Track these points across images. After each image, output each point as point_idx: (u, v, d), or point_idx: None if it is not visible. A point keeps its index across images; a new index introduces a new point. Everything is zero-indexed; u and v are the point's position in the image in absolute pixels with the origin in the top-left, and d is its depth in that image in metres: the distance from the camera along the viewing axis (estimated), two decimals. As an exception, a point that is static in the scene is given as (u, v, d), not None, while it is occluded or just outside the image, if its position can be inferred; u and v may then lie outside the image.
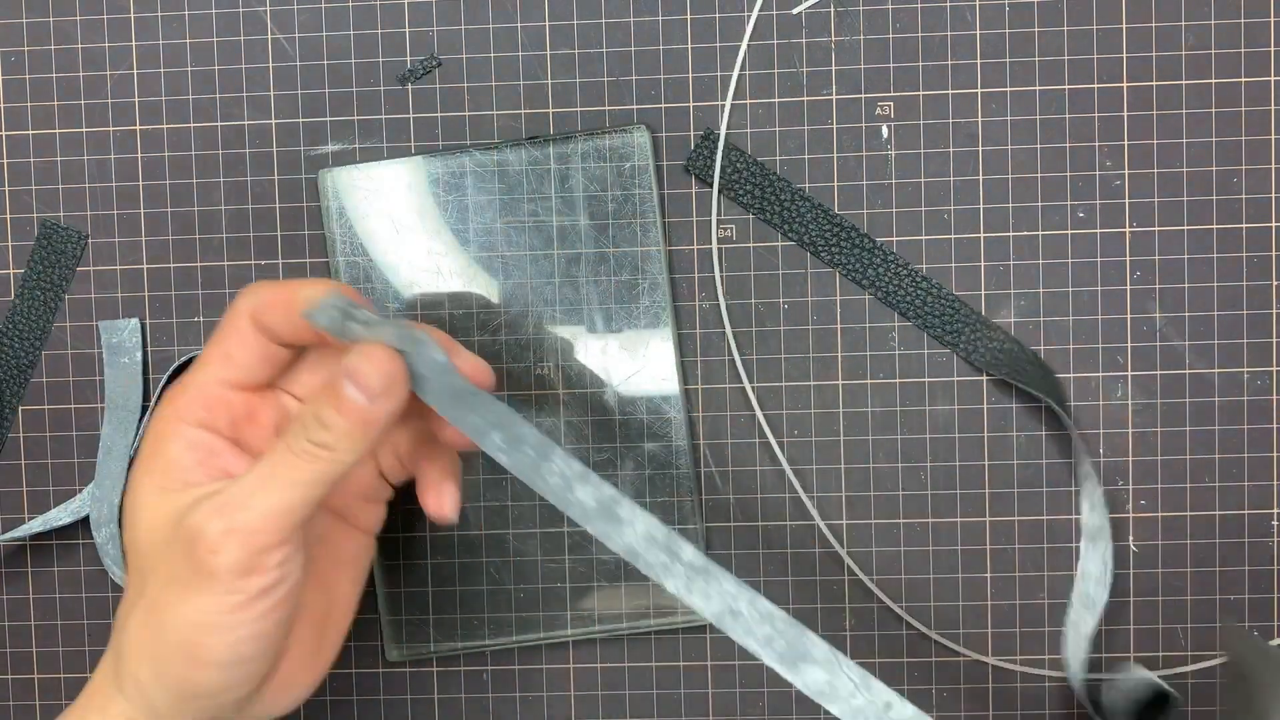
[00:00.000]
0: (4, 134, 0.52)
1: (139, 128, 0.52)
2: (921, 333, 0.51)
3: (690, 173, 0.51)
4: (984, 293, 0.50)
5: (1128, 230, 0.50)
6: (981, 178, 0.50)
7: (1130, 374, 0.50)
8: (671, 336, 0.51)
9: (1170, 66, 0.50)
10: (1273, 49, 0.50)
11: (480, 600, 0.51)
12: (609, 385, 0.51)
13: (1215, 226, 0.50)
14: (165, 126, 0.52)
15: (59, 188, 0.52)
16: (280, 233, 0.52)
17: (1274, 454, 0.50)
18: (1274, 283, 0.50)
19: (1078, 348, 0.51)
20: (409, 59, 0.51)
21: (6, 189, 0.52)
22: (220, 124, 0.52)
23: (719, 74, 0.51)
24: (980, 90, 0.50)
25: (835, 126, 0.50)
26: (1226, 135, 0.50)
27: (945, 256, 0.50)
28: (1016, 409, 0.51)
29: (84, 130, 0.52)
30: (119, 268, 0.52)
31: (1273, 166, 0.50)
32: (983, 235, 0.50)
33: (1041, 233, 0.50)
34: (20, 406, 0.53)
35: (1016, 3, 0.50)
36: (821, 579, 0.51)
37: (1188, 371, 0.50)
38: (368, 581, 0.49)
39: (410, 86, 0.51)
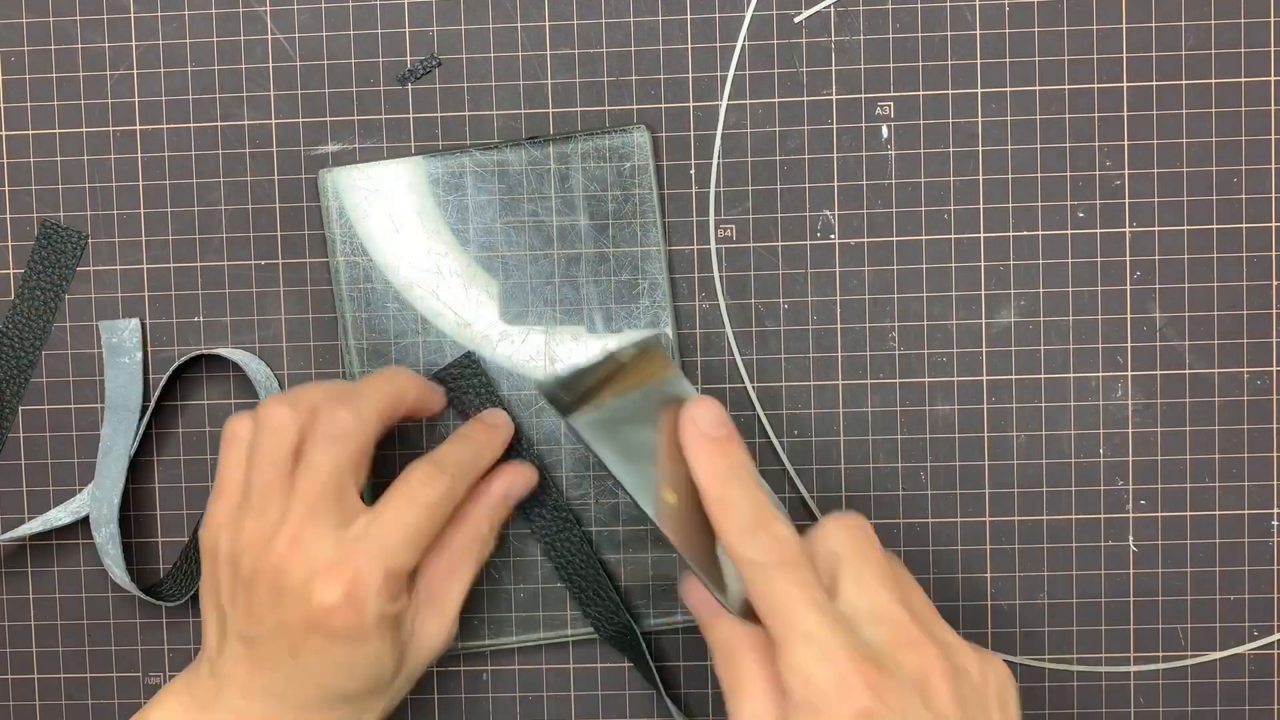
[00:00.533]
0: (4, 134, 0.52)
1: (139, 128, 0.52)
2: (922, 332, 0.51)
3: (690, 173, 0.51)
4: (984, 293, 0.50)
5: (1128, 230, 0.50)
6: (981, 178, 0.50)
7: (1130, 374, 0.50)
8: (671, 336, 0.51)
9: (1170, 66, 0.50)
10: (1273, 49, 0.50)
11: (480, 600, 0.51)
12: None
13: (1215, 226, 0.50)
14: (165, 126, 0.52)
15: (59, 188, 0.52)
16: (280, 233, 0.52)
17: (1274, 454, 0.50)
18: (1274, 283, 0.50)
19: (1078, 348, 0.51)
20: (409, 59, 0.51)
21: (6, 189, 0.52)
22: (220, 124, 0.52)
23: (719, 74, 0.51)
24: (980, 90, 0.50)
25: (835, 126, 0.50)
26: (1226, 135, 0.50)
27: (945, 256, 0.50)
28: (1016, 409, 0.51)
29: (84, 130, 0.52)
30: (119, 268, 0.52)
31: (1273, 166, 0.50)
32: (983, 235, 0.50)
33: (1041, 233, 0.50)
34: (20, 406, 0.53)
35: (1016, 3, 0.50)
36: (821, 579, 0.51)
37: (1188, 371, 0.50)
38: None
39: (410, 86, 0.51)
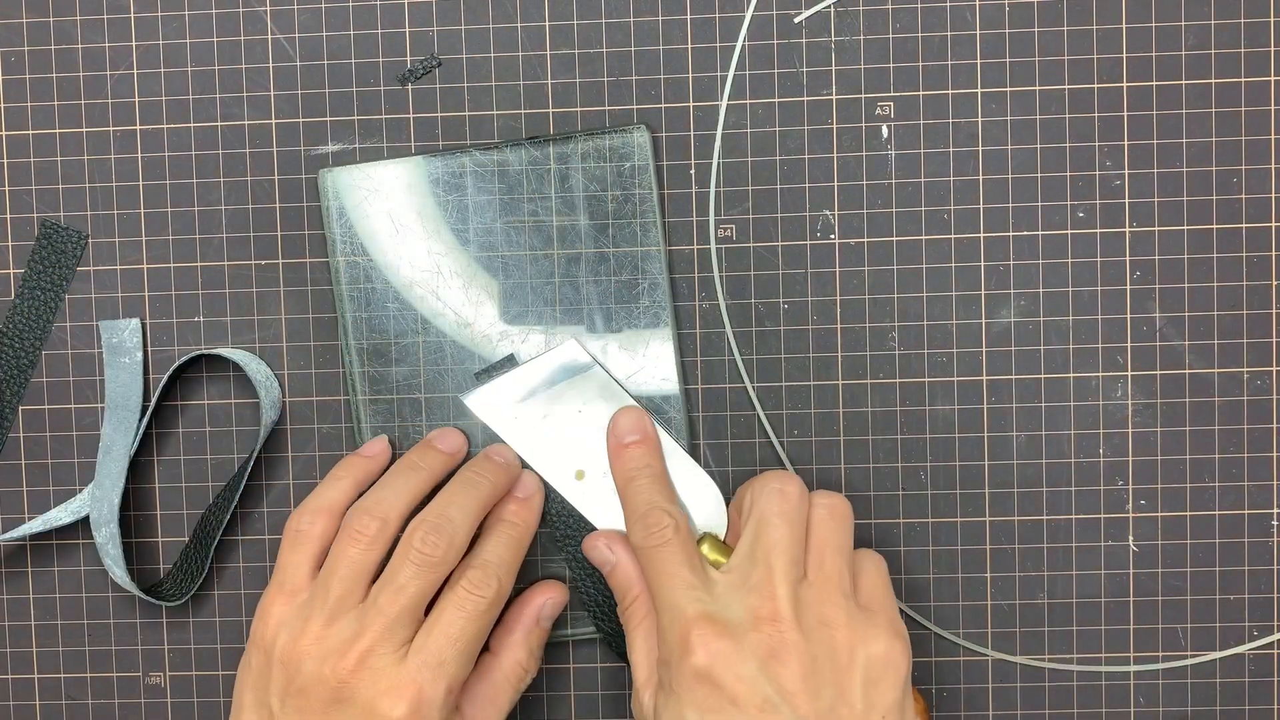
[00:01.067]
0: (4, 134, 0.52)
1: (139, 128, 0.52)
2: (922, 332, 0.51)
3: (690, 173, 0.51)
4: (984, 293, 0.50)
5: (1128, 230, 0.50)
6: (981, 178, 0.50)
7: (1130, 374, 0.50)
8: (671, 336, 0.51)
9: (1170, 66, 0.50)
10: (1273, 49, 0.50)
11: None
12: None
13: (1215, 226, 0.50)
14: (165, 126, 0.52)
15: (59, 188, 0.52)
16: (280, 233, 0.52)
17: (1274, 454, 0.50)
18: (1274, 283, 0.50)
19: (1078, 348, 0.51)
20: (409, 59, 0.51)
21: (6, 189, 0.52)
22: (220, 124, 0.52)
23: (718, 74, 0.51)
24: (980, 90, 0.50)
25: (835, 126, 0.50)
26: (1226, 135, 0.50)
27: (945, 256, 0.50)
28: (1016, 409, 0.51)
29: (84, 130, 0.52)
30: (119, 268, 0.52)
31: (1273, 166, 0.50)
32: (983, 235, 0.50)
33: (1041, 233, 0.50)
34: (20, 406, 0.53)
35: (1016, 3, 0.50)
36: (821, 579, 0.51)
37: (1188, 371, 0.50)
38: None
39: (410, 86, 0.51)
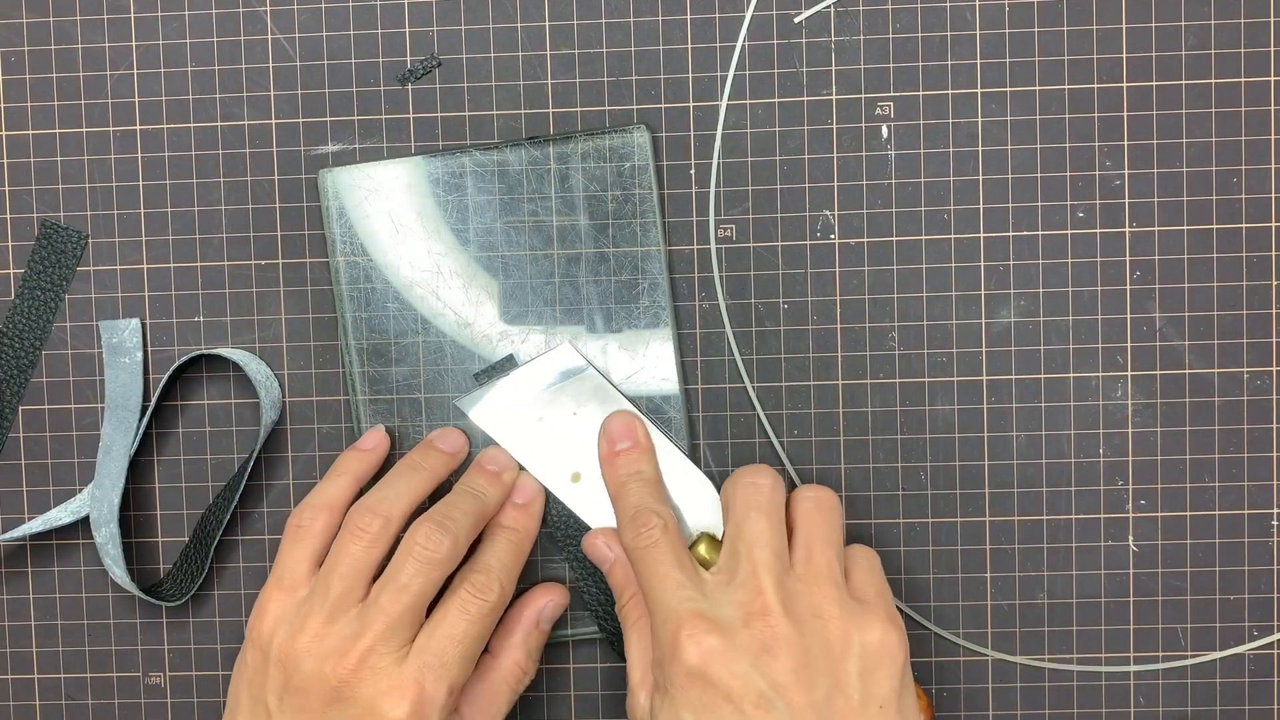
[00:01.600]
0: (4, 134, 0.52)
1: (139, 128, 0.52)
2: (922, 332, 0.51)
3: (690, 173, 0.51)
4: (984, 293, 0.50)
5: (1128, 230, 0.50)
6: (981, 178, 0.50)
7: (1130, 374, 0.50)
8: (671, 336, 0.51)
9: (1170, 66, 0.50)
10: (1273, 49, 0.50)
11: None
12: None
13: (1215, 226, 0.50)
14: (165, 126, 0.52)
15: (59, 188, 0.52)
16: (280, 233, 0.52)
17: (1274, 454, 0.50)
18: (1274, 283, 0.50)
19: (1078, 348, 0.51)
20: (409, 59, 0.51)
21: (6, 189, 0.52)
22: (220, 124, 0.52)
23: (718, 74, 0.51)
24: (980, 90, 0.50)
25: (835, 126, 0.50)
26: (1226, 135, 0.50)
27: (945, 256, 0.50)
28: (1016, 409, 0.51)
29: (84, 130, 0.52)
30: (119, 268, 0.52)
31: (1273, 166, 0.50)
32: (983, 235, 0.50)
33: (1041, 233, 0.50)
34: (20, 406, 0.53)
35: (1016, 3, 0.50)
36: (821, 579, 0.51)
37: (1188, 371, 0.50)
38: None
39: (410, 86, 0.51)
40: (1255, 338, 0.50)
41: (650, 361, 0.51)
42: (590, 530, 0.50)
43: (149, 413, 0.52)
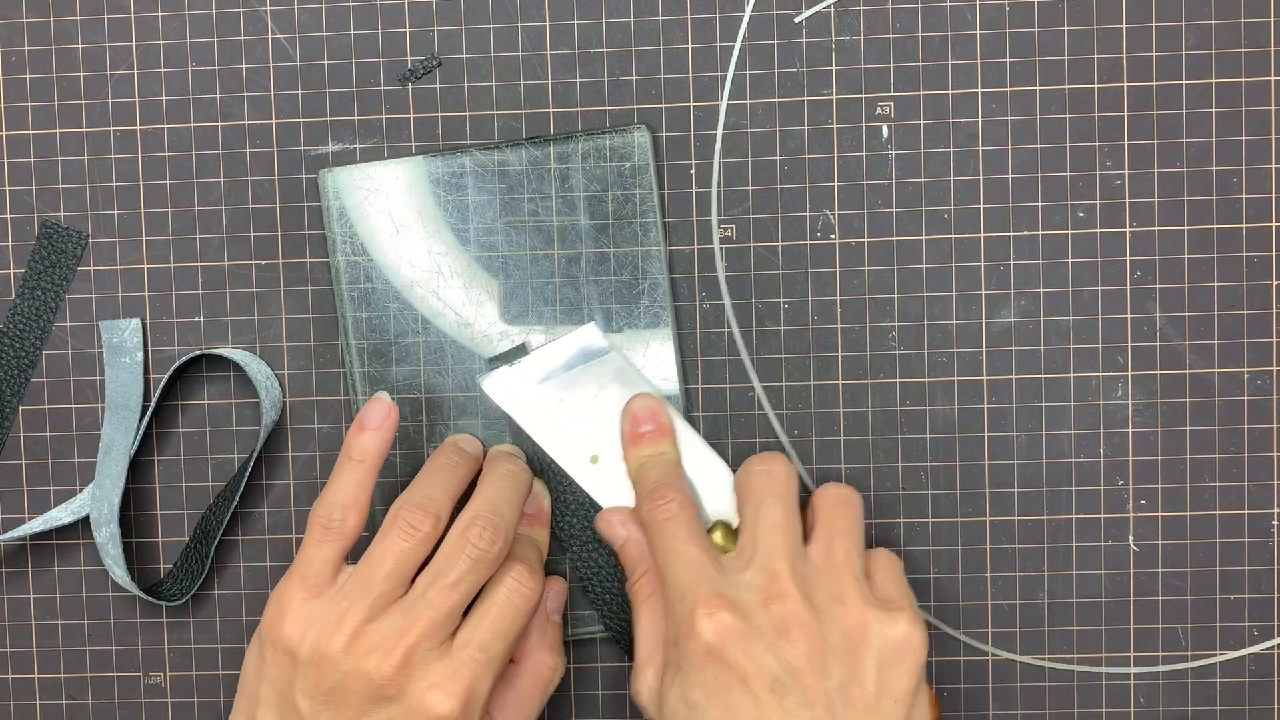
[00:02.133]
0: (4, 134, 0.52)
1: (139, 128, 0.52)
2: (922, 332, 0.51)
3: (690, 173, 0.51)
4: (984, 293, 0.50)
5: (1128, 230, 0.50)
6: (981, 178, 0.50)
7: (1130, 374, 0.50)
8: (671, 336, 0.51)
9: (1170, 66, 0.50)
10: (1273, 49, 0.50)
11: (480, 600, 0.52)
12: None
13: (1215, 226, 0.50)
14: (165, 126, 0.52)
15: (59, 188, 0.52)
16: (280, 233, 0.52)
17: (1274, 454, 0.50)
18: (1274, 283, 0.50)
19: (1078, 348, 0.51)
20: (409, 59, 0.51)
21: (6, 189, 0.52)
22: (220, 124, 0.52)
23: (719, 74, 0.51)
24: (980, 90, 0.50)
25: (835, 126, 0.50)
26: (1226, 135, 0.50)
27: (945, 256, 0.50)
28: (1016, 409, 0.51)
29: (84, 130, 0.52)
30: (119, 268, 0.52)
31: (1273, 166, 0.50)
32: (983, 235, 0.50)
33: (1041, 233, 0.50)
34: (20, 406, 0.53)
35: (1016, 3, 0.50)
36: (821, 579, 0.51)
37: (1188, 371, 0.50)
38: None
39: (410, 86, 0.51)
40: (1255, 338, 0.50)
41: (650, 361, 0.51)
42: (604, 509, 0.49)
43: (149, 413, 0.52)
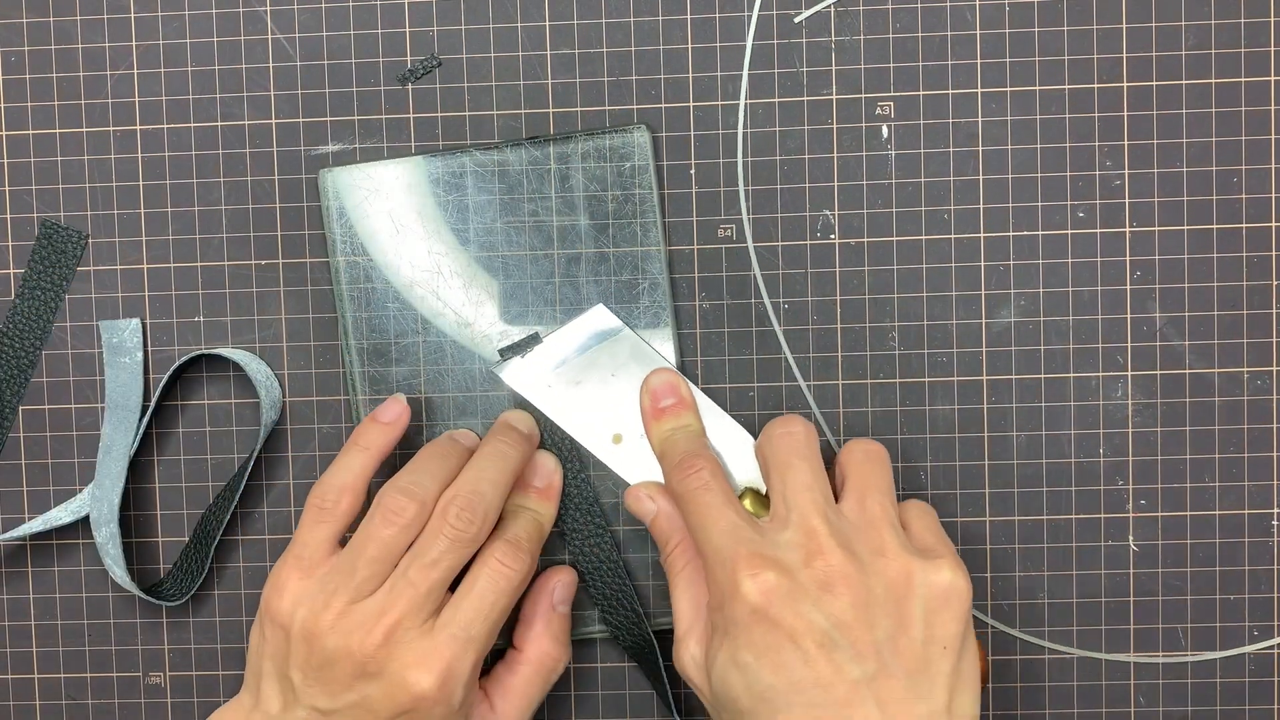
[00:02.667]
0: (4, 134, 0.52)
1: (139, 128, 0.52)
2: (922, 332, 0.51)
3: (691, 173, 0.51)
4: (984, 293, 0.50)
5: (1128, 230, 0.50)
6: (981, 178, 0.50)
7: (1130, 374, 0.50)
8: (672, 336, 0.51)
9: (1170, 66, 0.50)
10: (1273, 49, 0.50)
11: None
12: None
13: (1215, 226, 0.50)
14: (165, 126, 0.52)
15: (59, 188, 0.52)
16: (280, 233, 0.52)
17: (1274, 454, 0.50)
18: (1274, 283, 0.50)
19: (1078, 348, 0.51)
20: (409, 59, 0.51)
21: (6, 189, 0.52)
22: (220, 124, 0.52)
23: (719, 74, 0.51)
24: (980, 90, 0.50)
25: (835, 126, 0.50)
26: (1226, 135, 0.50)
27: (945, 256, 0.51)
28: (1016, 409, 0.51)
29: (84, 130, 0.52)
30: (119, 268, 0.52)
31: (1273, 166, 0.50)
32: (983, 235, 0.51)
33: (1041, 233, 0.50)
34: (20, 406, 0.53)
35: (1016, 3, 0.50)
36: (821, 579, 0.51)
37: (1188, 371, 0.50)
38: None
39: (410, 86, 0.51)
40: (1255, 338, 0.50)
41: (650, 361, 0.51)
42: (631, 485, 0.50)
43: (149, 413, 0.52)
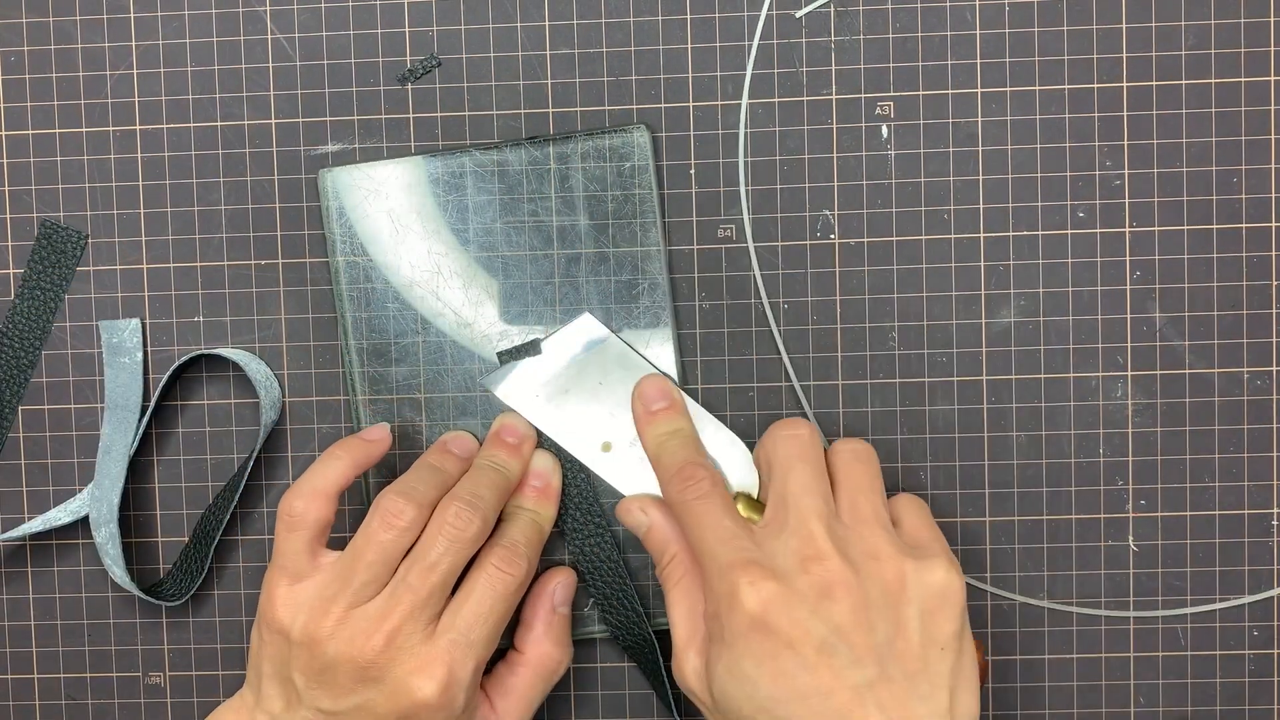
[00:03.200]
0: (4, 134, 0.52)
1: (139, 128, 0.52)
2: (922, 332, 0.51)
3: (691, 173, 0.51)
4: (984, 293, 0.50)
5: (1128, 230, 0.50)
6: (981, 178, 0.50)
7: (1130, 374, 0.50)
8: (671, 336, 0.51)
9: (1170, 66, 0.50)
10: (1273, 49, 0.50)
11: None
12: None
13: (1215, 226, 0.50)
14: (165, 126, 0.52)
15: (59, 188, 0.52)
16: (280, 233, 0.52)
17: (1274, 454, 0.50)
18: (1274, 283, 0.50)
19: (1078, 348, 0.51)
20: (409, 59, 0.51)
21: (6, 189, 0.52)
22: (220, 124, 0.52)
23: (719, 74, 0.51)
24: (980, 90, 0.50)
25: (835, 126, 0.50)
26: (1226, 135, 0.50)
27: (945, 256, 0.50)
28: (1016, 409, 0.51)
29: (84, 130, 0.52)
30: (119, 268, 0.52)
31: (1273, 166, 0.50)
32: (983, 235, 0.50)
33: (1041, 233, 0.50)
34: (20, 406, 0.53)
35: (1016, 3, 0.50)
36: (821, 579, 0.51)
37: (1188, 371, 0.50)
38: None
39: (410, 86, 0.51)
40: (1255, 338, 0.50)
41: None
42: (623, 498, 0.49)
43: (149, 413, 0.52)
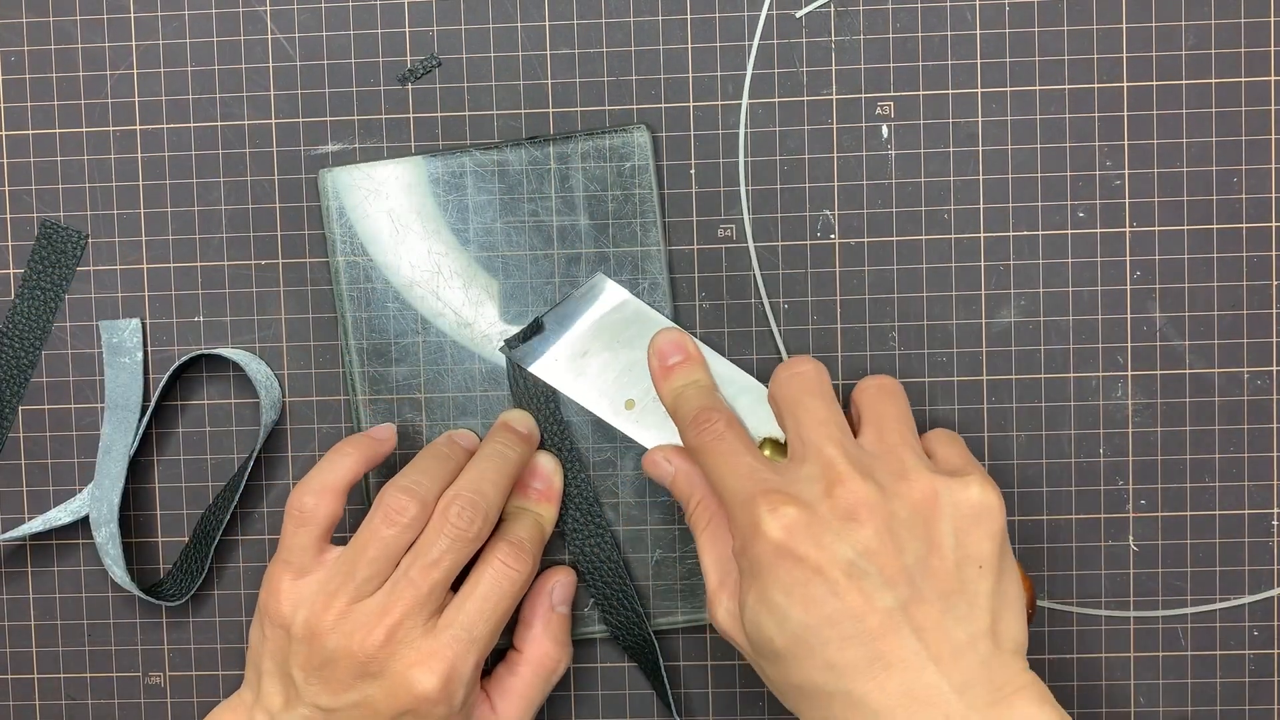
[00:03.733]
0: (4, 134, 0.52)
1: (139, 128, 0.52)
2: (922, 332, 0.51)
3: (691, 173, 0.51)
4: (984, 293, 0.50)
5: (1128, 230, 0.50)
6: (981, 178, 0.50)
7: (1130, 374, 0.50)
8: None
9: (1170, 66, 0.50)
10: (1273, 49, 0.50)
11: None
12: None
13: (1215, 226, 0.50)
14: (165, 126, 0.52)
15: (59, 188, 0.52)
16: (280, 233, 0.52)
17: (1274, 454, 0.50)
18: (1274, 283, 0.50)
19: (1078, 348, 0.51)
20: (409, 59, 0.51)
21: (6, 189, 0.52)
22: (220, 124, 0.52)
23: (719, 74, 0.51)
24: (980, 90, 0.50)
25: (835, 126, 0.50)
26: (1226, 135, 0.50)
27: (945, 256, 0.50)
28: (1016, 409, 0.51)
29: (84, 130, 0.52)
30: (119, 268, 0.52)
31: (1273, 166, 0.50)
32: (983, 235, 0.50)
33: (1041, 233, 0.50)
34: (20, 406, 0.53)
35: (1016, 3, 0.50)
36: (821, 579, 0.51)
37: (1188, 371, 0.50)
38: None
39: (410, 86, 0.51)
40: (1255, 338, 0.50)
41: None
42: (648, 451, 0.49)
43: (149, 413, 0.52)
